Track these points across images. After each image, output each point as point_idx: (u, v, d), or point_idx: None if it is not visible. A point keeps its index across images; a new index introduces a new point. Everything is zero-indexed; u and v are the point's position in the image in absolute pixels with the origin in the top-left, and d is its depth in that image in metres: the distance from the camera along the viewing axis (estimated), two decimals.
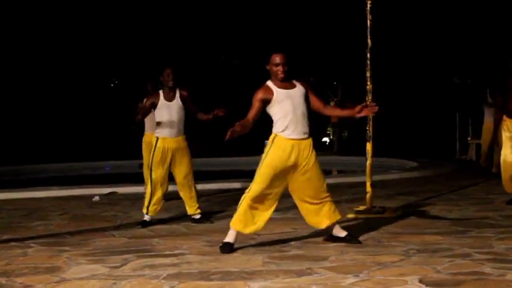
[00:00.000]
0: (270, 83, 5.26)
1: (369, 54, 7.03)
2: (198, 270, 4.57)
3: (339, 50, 18.96)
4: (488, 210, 7.06)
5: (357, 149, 12.06)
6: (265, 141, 5.27)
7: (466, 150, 15.37)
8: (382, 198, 8.06)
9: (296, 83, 5.30)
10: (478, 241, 5.30)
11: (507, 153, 7.56)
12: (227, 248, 5.17)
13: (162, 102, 6.74)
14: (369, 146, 7.06)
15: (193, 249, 5.33)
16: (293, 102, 5.18)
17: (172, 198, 8.01)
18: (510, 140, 7.53)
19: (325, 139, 26.87)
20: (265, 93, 5.19)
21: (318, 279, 4.20)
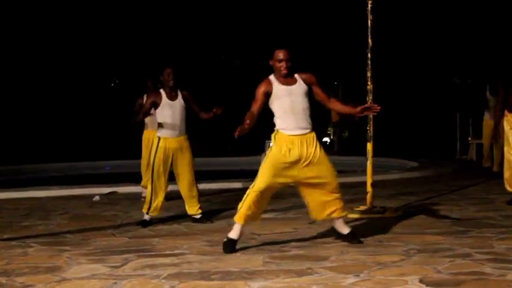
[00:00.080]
0: (272, 77, 5.27)
1: (369, 54, 7.03)
2: (198, 270, 4.57)
3: (339, 50, 18.96)
4: (489, 210, 7.05)
5: (357, 149, 12.05)
6: (266, 141, 5.28)
7: (467, 150, 15.34)
8: (382, 198, 8.05)
9: (299, 78, 5.29)
10: (479, 241, 5.30)
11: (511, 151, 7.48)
12: (230, 246, 5.16)
13: (165, 101, 6.72)
14: (369, 146, 7.06)
15: (193, 249, 5.33)
16: (293, 99, 5.18)
17: (172, 198, 8.00)
18: None
19: (326, 139, 26.84)
20: (267, 86, 5.21)
21: (319, 279, 4.20)
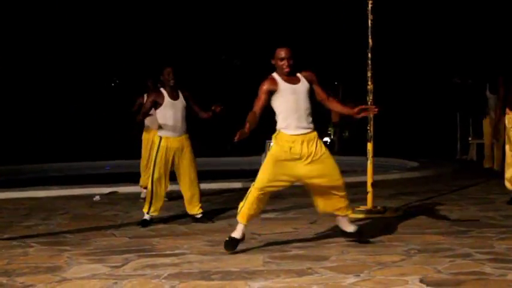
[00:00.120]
0: (275, 74, 5.21)
1: (370, 54, 7.03)
2: (198, 269, 4.57)
3: (339, 50, 18.95)
4: (489, 210, 7.05)
5: (357, 148, 12.04)
6: (266, 141, 5.28)
7: (467, 150, 15.33)
8: (383, 198, 8.05)
9: (301, 76, 5.25)
10: (479, 241, 5.30)
11: None
12: (231, 245, 5.14)
13: (168, 101, 6.71)
14: (369, 146, 7.06)
15: (194, 249, 5.33)
16: (296, 98, 5.14)
17: (173, 197, 8.00)
18: None
19: (326, 139, 26.79)
20: (271, 84, 5.15)
21: (319, 279, 4.19)
